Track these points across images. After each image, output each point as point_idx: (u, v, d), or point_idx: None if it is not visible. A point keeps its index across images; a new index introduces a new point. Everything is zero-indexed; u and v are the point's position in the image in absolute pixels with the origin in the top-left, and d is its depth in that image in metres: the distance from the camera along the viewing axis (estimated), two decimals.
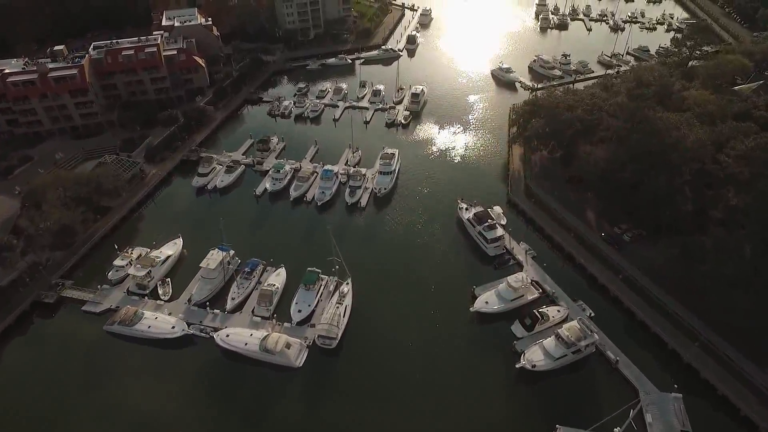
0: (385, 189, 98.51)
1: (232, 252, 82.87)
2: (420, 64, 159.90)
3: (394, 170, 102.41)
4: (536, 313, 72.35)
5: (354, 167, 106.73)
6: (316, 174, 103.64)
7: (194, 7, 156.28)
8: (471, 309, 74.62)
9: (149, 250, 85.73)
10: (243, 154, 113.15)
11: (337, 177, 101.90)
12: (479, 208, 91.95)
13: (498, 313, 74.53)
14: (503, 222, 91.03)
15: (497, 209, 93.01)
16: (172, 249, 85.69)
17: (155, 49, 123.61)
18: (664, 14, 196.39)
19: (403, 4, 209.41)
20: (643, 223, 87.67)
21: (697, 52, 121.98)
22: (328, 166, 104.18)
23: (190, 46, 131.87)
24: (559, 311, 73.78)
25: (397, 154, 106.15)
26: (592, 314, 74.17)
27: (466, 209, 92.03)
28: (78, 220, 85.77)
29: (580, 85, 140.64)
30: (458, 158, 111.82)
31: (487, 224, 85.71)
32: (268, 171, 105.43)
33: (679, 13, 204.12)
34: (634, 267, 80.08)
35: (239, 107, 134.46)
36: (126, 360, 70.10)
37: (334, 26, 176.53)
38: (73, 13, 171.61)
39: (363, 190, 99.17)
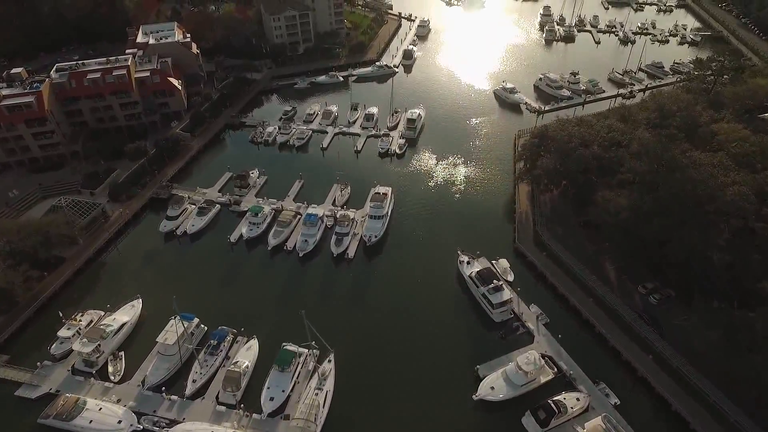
0: (375, 237, 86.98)
1: (195, 321, 71.45)
2: (417, 81, 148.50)
3: (387, 213, 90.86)
4: (551, 404, 60.77)
5: (342, 207, 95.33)
6: (298, 217, 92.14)
7: (174, 22, 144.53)
8: (474, 397, 63.09)
9: (103, 313, 74.43)
10: (219, 191, 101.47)
11: (323, 221, 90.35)
12: (483, 262, 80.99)
13: (506, 400, 63.04)
14: (510, 278, 79.71)
15: (503, 263, 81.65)
16: (128, 314, 74.10)
17: (125, 71, 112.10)
18: (676, 25, 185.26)
19: (400, 14, 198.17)
20: (671, 282, 76.55)
21: (724, 76, 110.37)
22: (313, 208, 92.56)
23: (165, 67, 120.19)
24: (578, 399, 62.25)
25: (389, 193, 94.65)
26: (617, 402, 62.68)
27: (468, 263, 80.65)
28: (20, 280, 74.18)
29: (591, 107, 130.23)
30: (458, 195, 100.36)
31: (492, 285, 74.22)
32: (246, 212, 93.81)
33: (692, 23, 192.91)
34: (665, 342, 68.52)
35: (219, 132, 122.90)
36: None
37: (325, 40, 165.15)
38: (46, 26, 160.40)
39: (351, 237, 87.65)
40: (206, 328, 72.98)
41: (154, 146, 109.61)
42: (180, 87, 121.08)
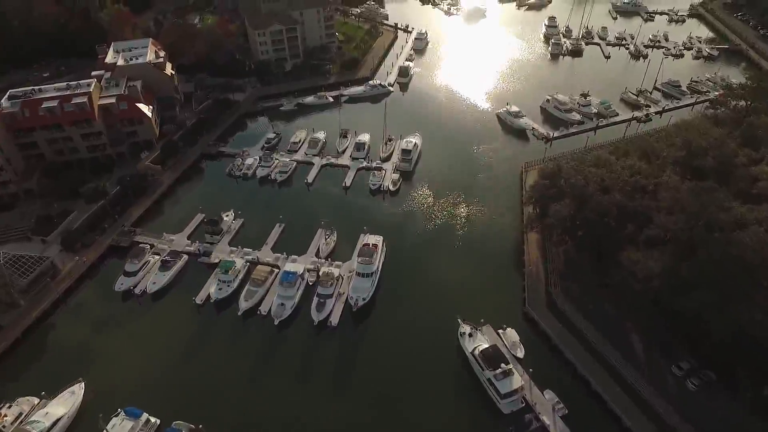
0: (363, 299, 75.14)
1: (144, 418, 59.70)
2: (413, 102, 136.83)
3: (377, 269, 79.08)
4: None
5: (326, 260, 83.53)
6: (276, 273, 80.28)
7: (148, 39, 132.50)
8: None
9: (37, 402, 62.88)
10: (189, 238, 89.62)
11: (303, 279, 78.49)
12: (488, 332, 69.66)
13: None
14: (520, 354, 67.95)
15: (512, 335, 69.86)
16: (66, 404, 62.24)
17: (85, 99, 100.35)
18: (690, 38, 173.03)
19: (396, 24, 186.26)
20: (711, 360, 64.94)
21: (754, 103, 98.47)
22: (292, 263, 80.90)
23: (133, 92, 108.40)
24: None
25: (380, 243, 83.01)
26: None
27: (470, 335, 68.95)
28: None
29: (604, 133, 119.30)
30: (459, 243, 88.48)
31: (500, 370, 62.45)
32: (217, 265, 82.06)
33: (706, 34, 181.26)
34: None
35: (195, 163, 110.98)
36: None
37: (315, 55, 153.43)
38: (16, 40, 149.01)
39: (335, 299, 75.82)
40: (158, 422, 61.19)
41: (117, 184, 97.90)
42: (150, 114, 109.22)
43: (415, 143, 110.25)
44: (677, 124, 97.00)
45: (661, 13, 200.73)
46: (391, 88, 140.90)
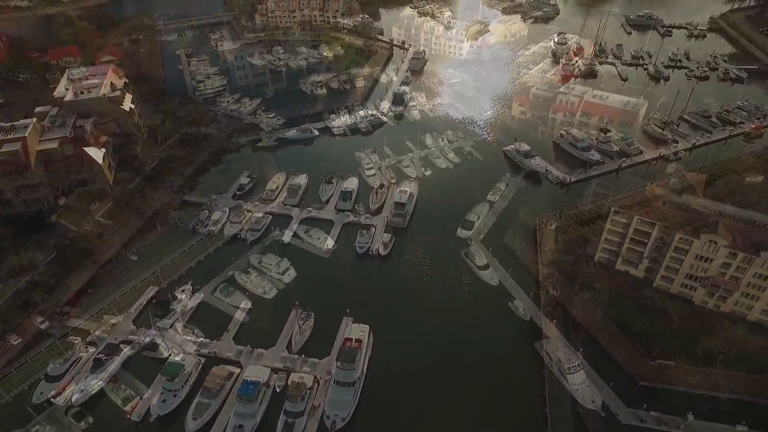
0: (343, 419, 59.40)
1: None
2: (408, 135, 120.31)
3: (361, 374, 63.38)
4: None
5: (299, 355, 67.74)
6: (234, 377, 64.47)
7: (109, 64, 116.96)
8: None
9: None
10: (135, 322, 73.82)
11: (268, 386, 62.71)
12: None
13: None
14: None
15: None
16: None
17: (18, 146, 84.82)
18: (713, 56, 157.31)
19: (391, 41, 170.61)
20: None
21: None
22: (254, 367, 64.58)
23: (80, 134, 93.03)
24: None
25: (366, 336, 67.29)
26: None
27: None
28: None
29: (628, 176, 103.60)
30: (460, 331, 71.99)
31: None
32: (165, 360, 66.42)
33: (728, 50, 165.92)
34: None
35: (154, 215, 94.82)
36: None
37: (301, 79, 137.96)
38: None
39: (307, 418, 59.93)
40: None
41: (54, 248, 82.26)
42: (102, 158, 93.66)
43: (411, 193, 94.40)
44: (725, 177, 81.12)
45: (679, 27, 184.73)
46: (384, 118, 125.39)
